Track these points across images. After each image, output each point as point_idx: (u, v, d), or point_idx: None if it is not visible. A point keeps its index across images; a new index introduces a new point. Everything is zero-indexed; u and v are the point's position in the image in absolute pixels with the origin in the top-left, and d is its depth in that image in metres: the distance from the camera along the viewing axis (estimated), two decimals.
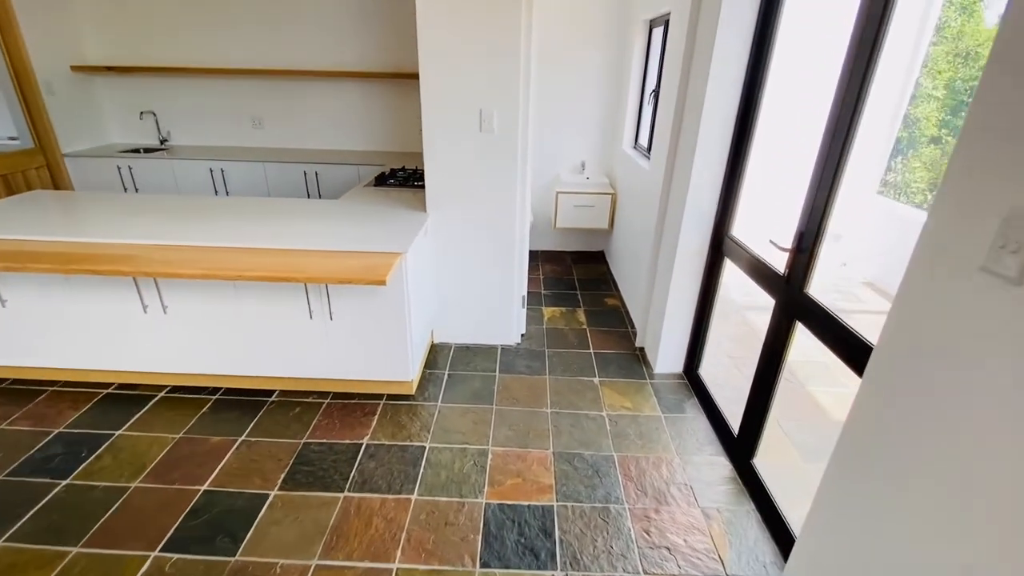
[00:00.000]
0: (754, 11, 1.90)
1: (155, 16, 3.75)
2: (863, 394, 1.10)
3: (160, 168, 3.74)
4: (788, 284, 1.68)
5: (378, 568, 1.58)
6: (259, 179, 3.77)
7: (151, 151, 3.92)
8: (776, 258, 1.76)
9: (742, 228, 2.18)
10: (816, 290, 1.59)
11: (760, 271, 1.89)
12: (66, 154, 3.71)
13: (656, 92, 3.09)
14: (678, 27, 2.39)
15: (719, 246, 2.24)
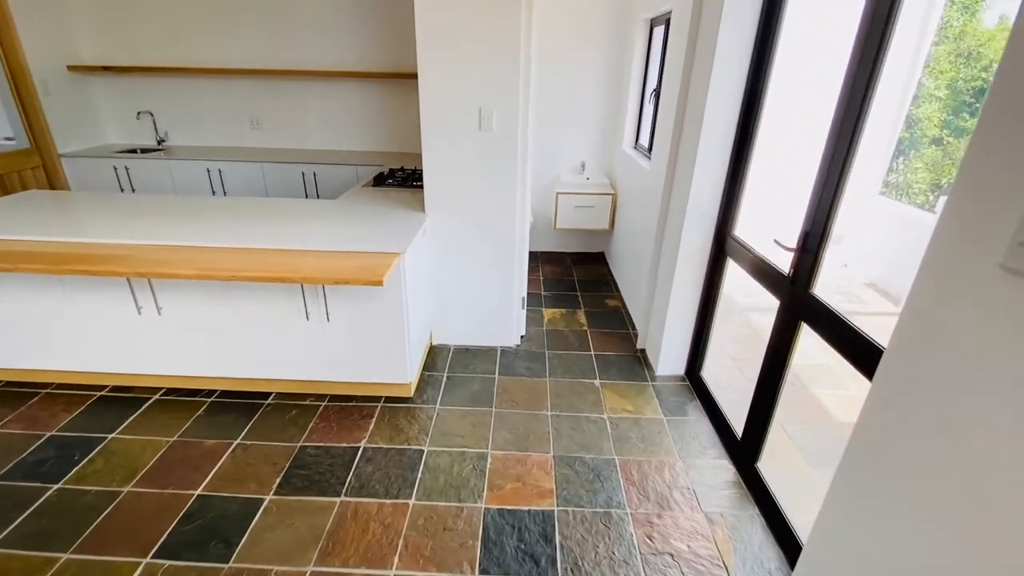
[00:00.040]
0: (757, 9, 1.88)
1: (152, 16, 3.72)
2: (873, 398, 1.07)
3: (157, 169, 3.72)
4: (793, 284, 1.65)
5: (375, 575, 1.54)
6: (257, 180, 3.74)
7: (148, 151, 3.89)
8: (780, 258, 1.73)
9: (745, 228, 2.15)
10: (819, 291, 1.57)
11: (764, 271, 1.86)
12: (62, 154, 3.68)
13: (657, 91, 3.06)
14: (679, 26, 2.36)
15: (721, 246, 2.21)
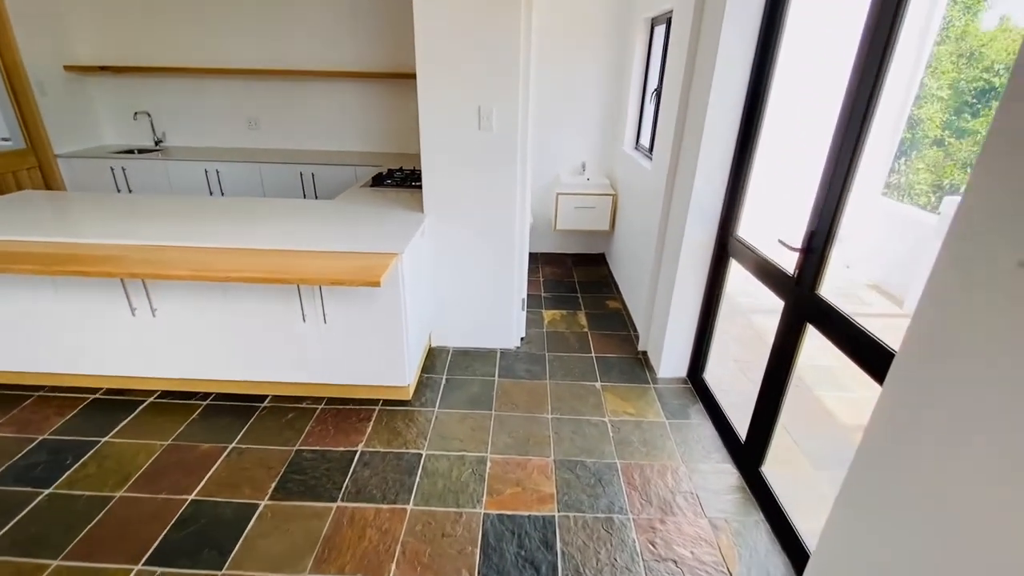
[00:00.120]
0: (760, 6, 1.85)
1: (149, 16, 3.70)
2: (884, 402, 1.03)
3: (154, 169, 3.69)
4: (798, 285, 1.62)
5: None
6: (255, 181, 3.71)
7: (145, 152, 3.86)
8: (785, 259, 1.70)
9: (748, 228, 2.12)
10: (822, 292, 1.54)
11: (768, 272, 1.83)
12: (59, 155, 3.65)
13: (658, 91, 3.04)
14: (681, 25, 2.34)
15: (724, 247, 2.18)
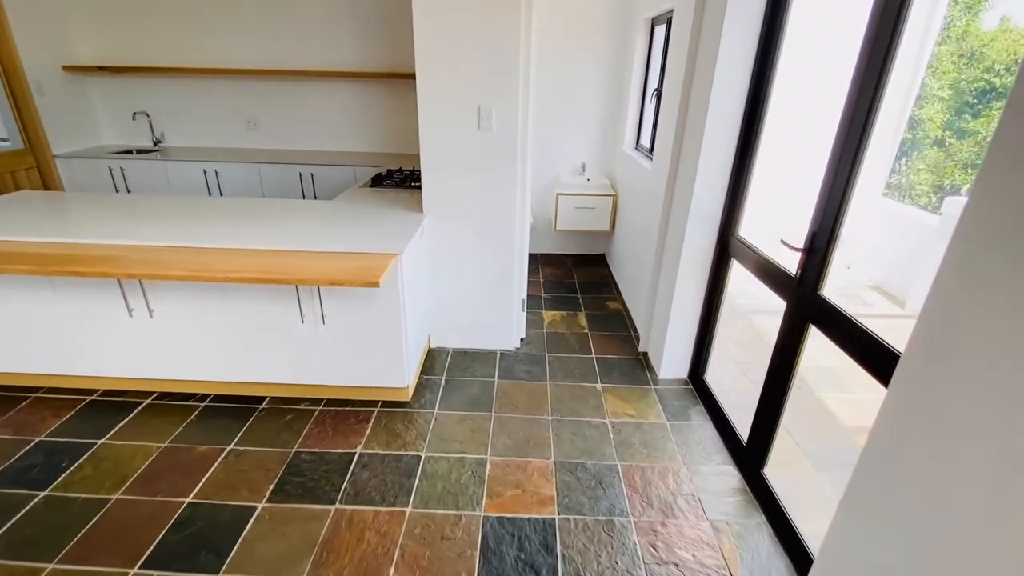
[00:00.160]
0: (761, 6, 1.84)
1: (148, 16, 3.69)
2: (889, 404, 1.02)
3: (153, 169, 3.67)
4: (800, 285, 1.61)
5: None
6: (253, 181, 3.70)
7: (144, 152, 3.85)
8: (787, 259, 1.69)
9: (749, 229, 2.11)
10: (824, 292, 1.52)
11: (770, 272, 1.82)
12: (57, 155, 3.64)
13: (658, 91, 3.03)
14: (681, 24, 2.33)
15: (725, 247, 2.17)
